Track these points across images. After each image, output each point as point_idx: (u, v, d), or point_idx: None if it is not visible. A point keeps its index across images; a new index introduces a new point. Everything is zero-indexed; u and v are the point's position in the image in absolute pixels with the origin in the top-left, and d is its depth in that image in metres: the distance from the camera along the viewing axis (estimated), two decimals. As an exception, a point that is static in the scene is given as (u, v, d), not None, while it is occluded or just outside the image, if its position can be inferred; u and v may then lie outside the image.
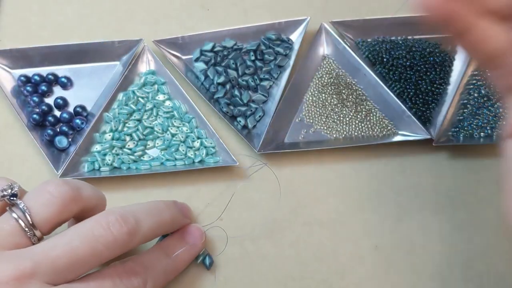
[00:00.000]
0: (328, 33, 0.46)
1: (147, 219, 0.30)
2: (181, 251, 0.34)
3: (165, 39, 0.44)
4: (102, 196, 0.32)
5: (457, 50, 0.47)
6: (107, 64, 0.44)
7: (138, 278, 0.29)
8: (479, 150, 0.42)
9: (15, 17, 0.47)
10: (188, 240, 0.35)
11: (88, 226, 0.28)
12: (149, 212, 0.31)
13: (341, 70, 0.45)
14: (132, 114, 0.42)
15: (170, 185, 0.39)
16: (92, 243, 0.27)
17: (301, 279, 0.37)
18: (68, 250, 0.27)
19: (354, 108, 0.43)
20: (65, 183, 0.29)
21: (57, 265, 0.26)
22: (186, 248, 0.34)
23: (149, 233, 0.30)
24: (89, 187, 0.31)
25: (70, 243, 0.27)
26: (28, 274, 0.25)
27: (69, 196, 0.28)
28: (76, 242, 0.27)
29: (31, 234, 0.28)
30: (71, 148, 0.40)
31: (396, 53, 0.45)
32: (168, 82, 0.43)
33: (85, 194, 0.30)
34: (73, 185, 0.29)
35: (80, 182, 0.31)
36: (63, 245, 0.27)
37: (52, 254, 0.26)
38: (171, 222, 0.33)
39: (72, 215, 0.29)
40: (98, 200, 0.31)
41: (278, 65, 0.44)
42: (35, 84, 0.43)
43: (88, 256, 0.27)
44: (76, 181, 0.30)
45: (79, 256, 0.27)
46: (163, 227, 0.32)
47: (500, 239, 0.39)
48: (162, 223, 0.32)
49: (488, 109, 0.43)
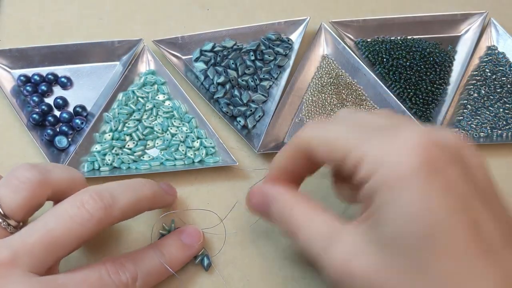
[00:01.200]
0: (327, 33, 0.46)
1: (124, 194, 0.30)
2: (176, 251, 0.33)
3: (165, 39, 0.44)
4: (79, 176, 0.32)
5: (457, 50, 0.47)
6: (107, 64, 0.44)
7: (127, 273, 0.29)
8: (479, 150, 0.42)
9: (15, 17, 0.47)
10: (185, 240, 0.34)
11: (63, 207, 0.28)
12: (126, 188, 0.30)
13: (341, 70, 0.45)
14: (132, 114, 0.42)
15: (170, 185, 0.39)
16: (67, 223, 0.27)
17: (301, 279, 0.37)
18: (44, 234, 0.26)
19: (353, 108, 0.43)
20: (32, 167, 0.28)
21: (35, 250, 0.26)
22: (182, 248, 0.34)
23: (127, 208, 0.30)
24: (60, 168, 0.30)
25: (46, 226, 0.27)
26: (7, 263, 0.25)
27: (37, 180, 0.28)
28: (52, 225, 0.27)
29: (5, 224, 0.27)
30: (71, 148, 0.40)
31: (396, 53, 0.45)
32: (168, 82, 0.43)
33: (55, 176, 0.29)
34: (41, 168, 0.29)
35: (51, 164, 0.30)
36: (39, 229, 0.27)
37: (29, 241, 0.26)
38: (152, 197, 0.32)
39: (45, 199, 0.29)
40: (72, 180, 0.31)
41: (278, 65, 0.44)
42: (35, 84, 0.43)
43: (65, 237, 0.27)
44: (45, 164, 0.30)
45: (56, 238, 0.26)
46: (143, 202, 0.31)
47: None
48: (142, 198, 0.31)
49: (488, 109, 0.43)
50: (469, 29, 0.48)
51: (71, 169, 0.32)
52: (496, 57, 0.46)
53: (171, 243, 0.34)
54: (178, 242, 0.34)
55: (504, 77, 0.45)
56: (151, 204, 0.33)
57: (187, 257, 0.34)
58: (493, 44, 0.47)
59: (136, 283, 0.29)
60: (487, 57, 0.46)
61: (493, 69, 0.45)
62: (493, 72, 0.45)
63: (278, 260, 0.37)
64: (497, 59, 0.46)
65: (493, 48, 0.47)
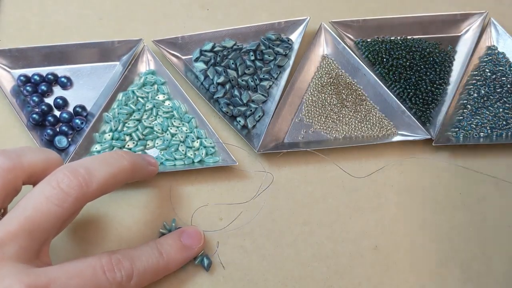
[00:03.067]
0: (327, 33, 0.46)
1: (100, 168, 0.29)
2: (175, 252, 0.33)
3: (165, 39, 0.44)
4: (54, 156, 0.31)
5: (457, 50, 0.47)
6: (107, 64, 0.44)
7: (122, 271, 0.29)
8: (479, 150, 0.42)
9: (15, 17, 0.47)
10: (185, 241, 0.34)
11: (39, 189, 0.27)
12: (102, 161, 0.30)
13: (341, 70, 0.45)
14: (132, 114, 0.42)
15: (170, 185, 0.39)
16: (44, 205, 0.27)
17: (301, 279, 0.37)
18: (24, 220, 0.26)
19: (353, 108, 0.43)
20: (1, 154, 0.28)
21: (19, 238, 0.26)
22: (181, 250, 0.34)
23: (105, 181, 0.29)
24: (33, 151, 0.30)
25: (24, 212, 0.26)
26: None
27: (7, 166, 0.28)
28: (30, 210, 0.26)
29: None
30: (70, 148, 0.40)
31: (396, 53, 0.45)
32: (167, 82, 0.43)
33: (27, 159, 0.29)
34: (11, 153, 0.29)
35: (22, 148, 0.30)
36: (18, 216, 0.26)
37: (11, 229, 0.26)
38: (131, 169, 0.31)
39: (20, 184, 0.29)
40: (47, 161, 0.30)
41: (278, 65, 0.44)
42: (34, 84, 0.43)
43: (45, 220, 0.26)
44: (15, 149, 0.30)
45: (37, 222, 0.26)
46: (122, 174, 0.31)
47: (500, 239, 0.39)
48: (121, 170, 0.30)
49: (487, 109, 0.43)
50: (469, 29, 0.48)
51: (46, 150, 0.31)
52: (496, 57, 0.46)
53: (171, 243, 0.33)
54: (178, 243, 0.34)
55: (504, 77, 0.45)
56: (130, 176, 0.32)
57: (185, 259, 0.34)
58: (493, 44, 0.47)
59: (131, 281, 0.29)
60: (487, 57, 0.46)
61: (493, 69, 0.45)
62: (493, 72, 0.45)
63: (278, 260, 0.37)
64: (497, 59, 0.46)
65: (493, 48, 0.47)
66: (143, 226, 0.37)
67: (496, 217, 0.39)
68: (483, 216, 0.39)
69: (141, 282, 0.30)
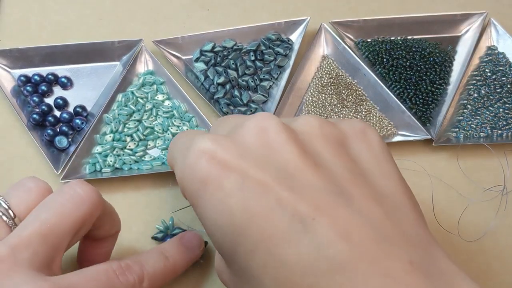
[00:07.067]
0: (328, 33, 0.46)
1: None
2: (180, 256, 0.33)
3: (165, 39, 0.44)
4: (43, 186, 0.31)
5: (457, 50, 0.47)
6: (107, 64, 0.44)
7: (134, 274, 0.29)
8: (479, 150, 0.42)
9: (15, 17, 0.47)
10: (185, 244, 0.35)
11: (52, 197, 0.28)
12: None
13: (341, 70, 0.45)
14: (132, 115, 0.42)
15: (171, 185, 0.39)
16: (59, 209, 0.27)
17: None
18: (39, 225, 0.26)
19: (354, 108, 0.43)
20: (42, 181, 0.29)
21: (33, 243, 0.26)
22: (183, 251, 0.34)
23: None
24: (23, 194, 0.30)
25: (38, 217, 0.27)
26: (7, 261, 0.25)
27: (45, 186, 0.29)
28: (44, 215, 0.27)
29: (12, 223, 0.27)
30: (71, 148, 0.40)
31: (396, 53, 0.45)
32: (167, 82, 0.43)
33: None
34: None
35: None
36: (32, 222, 0.26)
37: (25, 234, 0.26)
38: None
39: None
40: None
41: (278, 65, 0.44)
42: (35, 84, 0.43)
43: (60, 223, 0.27)
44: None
45: (52, 226, 0.26)
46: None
47: (500, 238, 0.39)
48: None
49: (488, 109, 0.43)
50: (469, 29, 0.48)
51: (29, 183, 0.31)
52: (496, 57, 0.46)
53: (173, 246, 0.34)
54: (180, 246, 0.34)
55: (504, 77, 0.45)
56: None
57: (189, 260, 0.34)
58: (493, 44, 0.47)
59: (142, 284, 0.29)
60: (487, 57, 0.46)
61: (493, 69, 0.45)
62: (493, 72, 0.45)
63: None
64: (497, 59, 0.46)
65: (493, 48, 0.47)
66: (143, 226, 0.37)
67: (496, 217, 0.39)
68: (483, 216, 0.39)
69: (152, 285, 0.30)
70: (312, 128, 0.24)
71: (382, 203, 0.22)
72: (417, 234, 0.22)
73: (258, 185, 0.22)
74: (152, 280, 0.30)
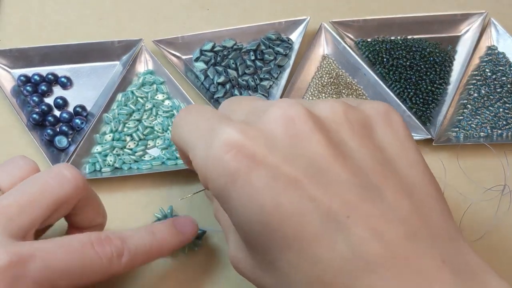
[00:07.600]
0: (328, 33, 0.46)
1: None
2: (169, 236, 0.32)
3: (165, 39, 0.44)
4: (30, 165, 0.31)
5: (457, 50, 0.47)
6: (107, 64, 0.44)
7: (112, 247, 0.28)
8: (479, 150, 0.42)
9: (15, 17, 0.47)
10: (177, 226, 0.33)
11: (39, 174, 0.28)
12: None
13: (341, 70, 0.45)
14: (132, 114, 0.41)
15: (171, 184, 0.39)
16: (43, 184, 0.27)
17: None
18: (19, 195, 0.27)
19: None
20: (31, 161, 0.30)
21: (10, 211, 0.26)
22: (174, 233, 0.32)
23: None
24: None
25: (20, 189, 0.27)
26: None
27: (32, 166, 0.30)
28: (26, 187, 0.27)
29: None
30: (71, 148, 0.40)
31: (396, 53, 0.45)
32: (167, 82, 0.43)
33: None
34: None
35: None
36: (13, 193, 0.27)
37: (4, 203, 0.26)
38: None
39: None
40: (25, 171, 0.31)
41: (278, 65, 0.44)
42: (35, 84, 0.43)
43: (40, 196, 0.27)
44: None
45: (31, 198, 0.27)
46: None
47: (501, 238, 0.39)
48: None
49: (488, 109, 0.43)
50: (469, 29, 0.48)
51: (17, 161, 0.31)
52: (496, 57, 0.46)
53: (164, 227, 0.32)
54: (171, 228, 0.33)
55: (504, 77, 0.45)
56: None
57: (179, 243, 0.33)
58: (493, 44, 0.47)
59: (121, 259, 0.28)
60: (487, 57, 0.46)
61: (493, 69, 0.45)
62: (493, 72, 0.45)
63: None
64: (497, 59, 0.46)
65: (493, 48, 0.47)
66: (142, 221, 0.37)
67: (495, 217, 0.39)
68: (483, 216, 0.39)
69: (133, 261, 0.29)
70: (335, 114, 0.24)
71: (411, 195, 0.22)
72: (445, 227, 0.22)
73: (289, 181, 0.21)
74: (134, 256, 0.29)
